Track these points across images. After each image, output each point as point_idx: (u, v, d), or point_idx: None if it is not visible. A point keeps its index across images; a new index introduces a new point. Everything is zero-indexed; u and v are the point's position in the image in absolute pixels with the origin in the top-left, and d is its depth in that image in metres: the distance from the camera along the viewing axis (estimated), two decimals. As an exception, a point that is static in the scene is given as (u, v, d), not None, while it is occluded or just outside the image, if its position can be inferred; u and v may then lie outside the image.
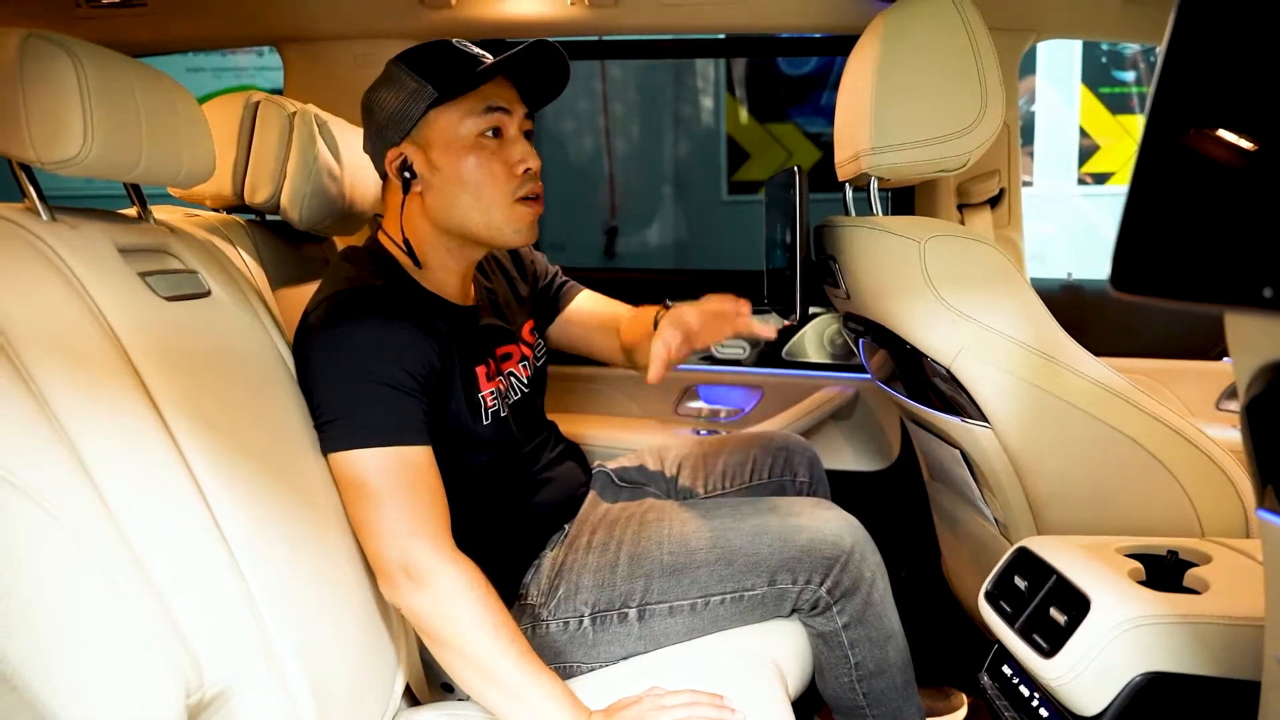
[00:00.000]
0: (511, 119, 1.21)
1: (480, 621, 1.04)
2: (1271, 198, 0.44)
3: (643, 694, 1.08)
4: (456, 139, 1.18)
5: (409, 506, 1.07)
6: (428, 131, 1.19)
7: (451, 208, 1.20)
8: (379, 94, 1.21)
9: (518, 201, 1.21)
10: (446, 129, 1.18)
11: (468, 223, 1.21)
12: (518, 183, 1.20)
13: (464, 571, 1.06)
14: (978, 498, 1.39)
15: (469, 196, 1.19)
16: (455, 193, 1.19)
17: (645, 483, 1.54)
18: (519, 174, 1.20)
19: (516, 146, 1.20)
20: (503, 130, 1.20)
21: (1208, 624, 0.87)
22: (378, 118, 1.21)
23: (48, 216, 0.94)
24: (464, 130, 1.18)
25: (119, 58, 0.98)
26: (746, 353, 2.18)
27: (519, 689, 1.04)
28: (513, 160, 1.19)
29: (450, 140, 1.18)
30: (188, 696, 0.79)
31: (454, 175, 1.18)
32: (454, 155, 1.18)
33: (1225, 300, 0.47)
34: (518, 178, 1.20)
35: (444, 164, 1.19)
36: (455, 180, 1.19)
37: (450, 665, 1.07)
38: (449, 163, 1.18)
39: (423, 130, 1.19)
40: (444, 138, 1.18)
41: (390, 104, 1.19)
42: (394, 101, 1.19)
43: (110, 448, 0.81)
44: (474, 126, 1.18)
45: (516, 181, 1.20)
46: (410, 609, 1.06)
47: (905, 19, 1.22)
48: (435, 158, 1.19)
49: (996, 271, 1.22)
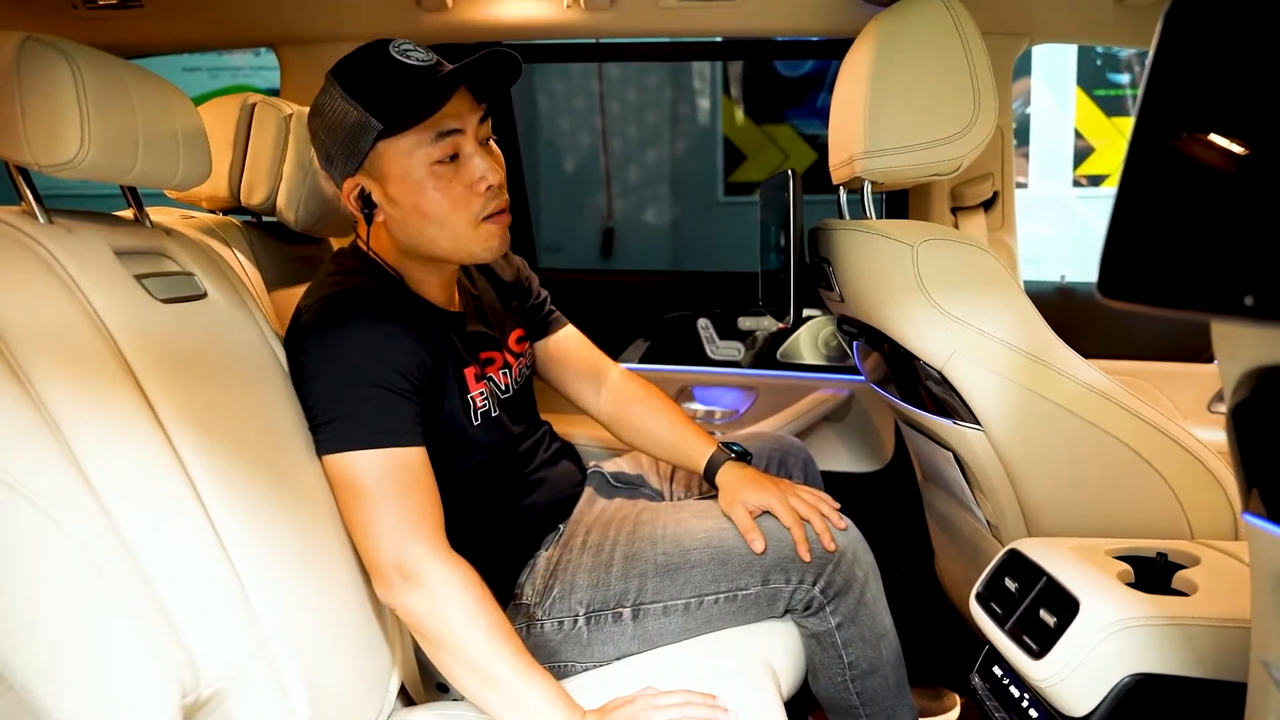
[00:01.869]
0: (466, 136, 1.14)
1: (474, 622, 1.04)
2: (1253, 206, 0.45)
3: (636, 694, 1.09)
4: (410, 171, 1.13)
5: (403, 507, 1.07)
6: (380, 163, 1.14)
7: (418, 236, 1.17)
8: (321, 121, 1.16)
9: (483, 221, 1.17)
10: (398, 161, 1.13)
11: (436, 248, 1.18)
12: (481, 202, 1.16)
13: (458, 572, 1.06)
14: (970, 499, 1.40)
15: (432, 227, 1.16)
16: (418, 223, 1.16)
17: (640, 484, 1.55)
18: (481, 192, 1.15)
19: (474, 163, 1.15)
20: (459, 151, 1.14)
21: (1195, 626, 0.87)
22: (325, 146, 1.17)
23: (44, 219, 0.94)
24: (416, 161, 1.12)
25: (115, 61, 0.98)
26: (742, 354, 2.19)
27: (513, 689, 1.04)
28: (472, 179, 1.15)
29: (404, 173, 1.13)
30: (184, 696, 0.79)
31: (413, 208, 1.15)
32: (410, 188, 1.14)
33: (1208, 308, 0.47)
34: (480, 196, 1.16)
35: (401, 197, 1.14)
36: (415, 212, 1.15)
37: (445, 666, 1.07)
38: (406, 195, 1.14)
39: (374, 162, 1.14)
40: (397, 170, 1.13)
41: (335, 135, 1.14)
42: (338, 133, 1.13)
43: (106, 449, 0.81)
44: (427, 157, 1.12)
45: (480, 201, 1.16)
46: (405, 609, 1.07)
47: (898, 23, 1.23)
48: (391, 191, 1.15)
49: (988, 275, 1.22)
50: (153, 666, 0.77)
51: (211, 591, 0.86)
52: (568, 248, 5.88)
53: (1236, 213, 0.46)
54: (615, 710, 1.06)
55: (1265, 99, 0.45)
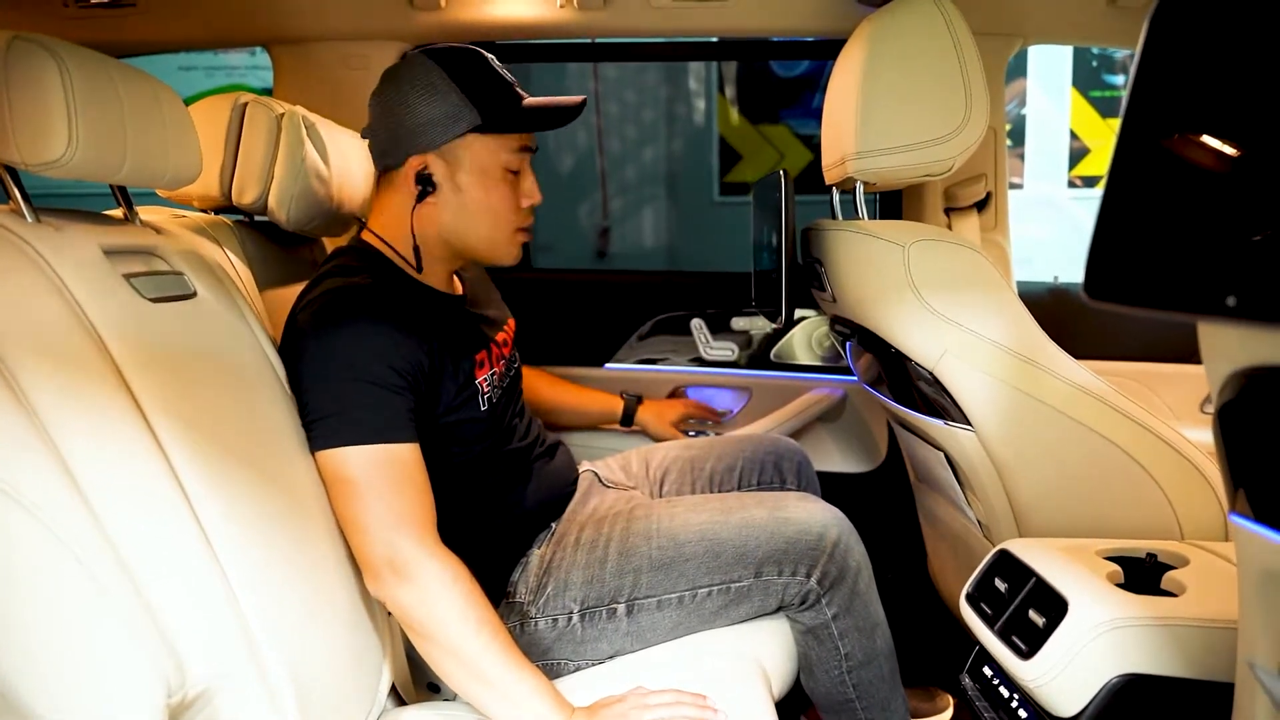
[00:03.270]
0: (529, 158, 1.27)
1: (464, 616, 1.05)
2: (1234, 208, 0.45)
3: (627, 693, 1.09)
4: (490, 168, 1.22)
5: (395, 502, 1.08)
6: (461, 151, 1.21)
7: (465, 227, 1.24)
8: (415, 97, 1.20)
9: (517, 231, 1.27)
10: (482, 155, 1.21)
11: (473, 241, 1.26)
12: (523, 215, 1.27)
13: (448, 566, 1.07)
14: (961, 499, 1.40)
15: (486, 223, 1.24)
16: (474, 215, 1.24)
17: (632, 484, 1.55)
18: (525, 207, 1.27)
19: (528, 181, 1.27)
20: (522, 168, 1.26)
21: (1183, 626, 0.87)
22: (406, 121, 1.20)
23: (32, 218, 0.94)
24: (498, 162, 1.22)
25: (104, 59, 0.98)
26: (735, 354, 2.19)
27: (503, 684, 1.05)
28: (525, 193, 1.26)
29: (484, 168, 1.22)
30: (169, 696, 0.79)
31: (477, 200, 1.23)
32: (483, 182, 1.22)
33: (1191, 309, 0.47)
34: (523, 210, 1.27)
35: (470, 187, 1.22)
36: (478, 205, 1.23)
37: (435, 660, 1.08)
38: (476, 188, 1.22)
39: (455, 148, 1.21)
40: (477, 163, 1.21)
41: (427, 113, 1.19)
42: (433, 112, 1.19)
43: (94, 449, 0.81)
44: (507, 162, 1.23)
45: (523, 214, 1.27)
46: (395, 603, 1.07)
47: (890, 24, 1.23)
48: (462, 179, 1.22)
49: (979, 276, 1.23)
50: (138, 666, 0.76)
51: (198, 591, 0.85)
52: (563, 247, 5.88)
53: (1219, 215, 0.46)
54: (605, 709, 1.06)
55: (1248, 102, 0.46)
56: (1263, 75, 0.45)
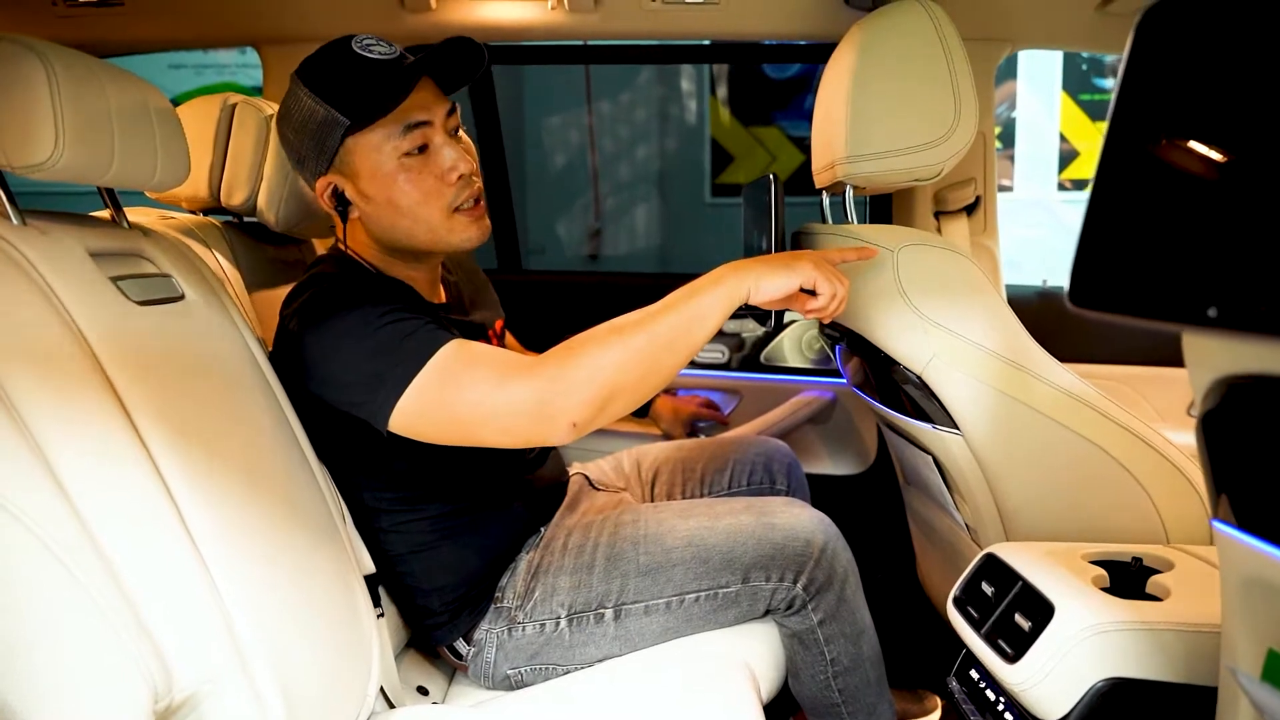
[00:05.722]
0: (434, 127, 1.15)
1: (597, 333, 1.03)
2: (1217, 218, 0.46)
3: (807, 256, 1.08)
4: (380, 165, 1.13)
5: (490, 364, 1.03)
6: (350, 160, 1.14)
7: (394, 230, 1.18)
8: (289, 123, 1.16)
9: (455, 211, 1.17)
10: (369, 155, 1.13)
11: (414, 240, 1.19)
12: (453, 192, 1.16)
13: (551, 352, 1.03)
14: (949, 503, 1.40)
15: (407, 219, 1.16)
16: (392, 217, 1.16)
17: (622, 487, 1.55)
18: (452, 182, 1.16)
19: (443, 154, 1.15)
20: (428, 143, 1.15)
21: (1167, 631, 0.88)
22: (297, 149, 1.17)
23: (18, 220, 0.93)
24: (386, 155, 1.13)
25: (91, 61, 0.97)
26: (726, 356, 2.19)
27: (678, 299, 1.05)
28: (443, 169, 1.15)
29: (374, 167, 1.14)
30: (155, 701, 0.78)
31: (386, 201, 1.15)
32: (381, 182, 1.14)
33: (1173, 318, 0.48)
34: (452, 186, 1.16)
35: (374, 192, 1.15)
36: (388, 206, 1.15)
37: (623, 362, 1.01)
38: (378, 190, 1.15)
39: (345, 159, 1.14)
40: (368, 165, 1.14)
41: (304, 135, 1.14)
42: (307, 133, 1.14)
43: (80, 453, 0.80)
44: (396, 149, 1.13)
45: (452, 191, 1.16)
46: (567, 382, 1.00)
47: (880, 28, 1.23)
48: (364, 186, 1.15)
49: (967, 280, 1.23)
50: (124, 670, 0.76)
51: (185, 595, 0.85)
52: (555, 249, 5.88)
53: (1201, 225, 0.46)
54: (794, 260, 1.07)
55: (1234, 110, 0.46)
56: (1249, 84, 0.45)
